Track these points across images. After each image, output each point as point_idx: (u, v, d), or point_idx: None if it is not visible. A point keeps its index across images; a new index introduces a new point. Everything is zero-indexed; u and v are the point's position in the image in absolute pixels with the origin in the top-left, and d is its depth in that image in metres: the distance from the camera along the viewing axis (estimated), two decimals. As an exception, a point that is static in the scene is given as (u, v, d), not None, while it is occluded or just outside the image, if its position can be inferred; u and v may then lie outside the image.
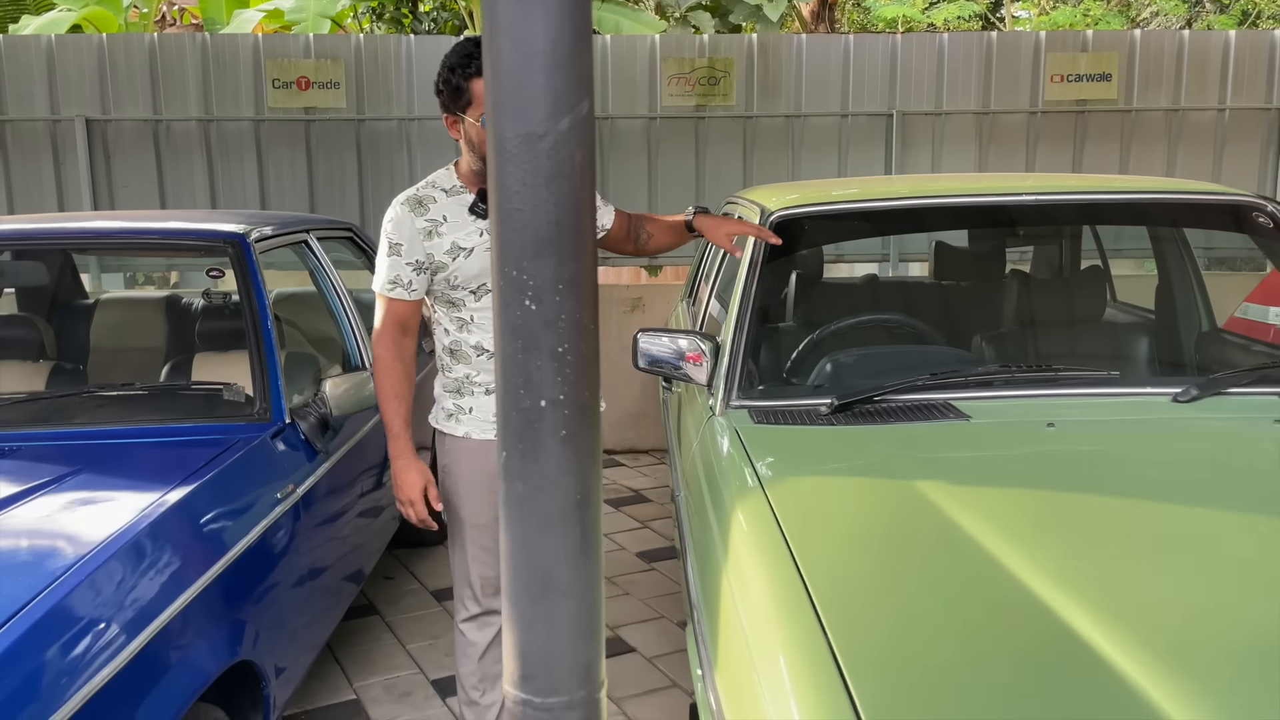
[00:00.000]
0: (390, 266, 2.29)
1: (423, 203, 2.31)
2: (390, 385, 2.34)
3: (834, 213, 2.76)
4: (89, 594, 1.64)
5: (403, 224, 2.28)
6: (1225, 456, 1.91)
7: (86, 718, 1.52)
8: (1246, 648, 1.28)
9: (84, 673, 1.54)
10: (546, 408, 0.74)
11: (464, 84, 2.21)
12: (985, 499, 1.74)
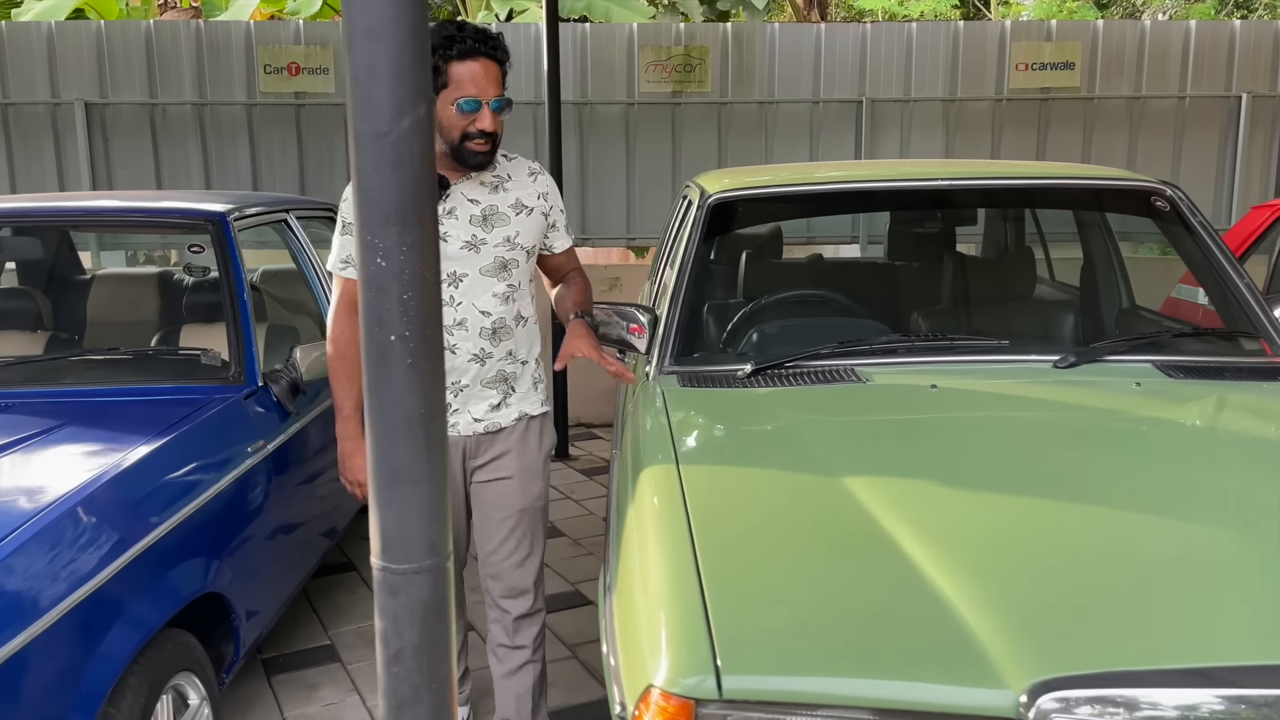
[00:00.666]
0: (342, 245, 2.31)
1: None
2: (344, 366, 2.33)
3: (762, 196, 2.99)
4: (76, 520, 1.89)
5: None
6: (1080, 413, 2.14)
7: (72, 622, 1.77)
8: (1034, 562, 1.52)
9: (71, 584, 1.79)
10: (395, 341, 0.98)
11: (442, 65, 2.19)
12: (858, 446, 1.98)
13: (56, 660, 1.74)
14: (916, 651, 1.37)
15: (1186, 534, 1.61)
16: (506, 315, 2.38)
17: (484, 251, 2.33)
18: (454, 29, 2.23)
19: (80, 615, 1.80)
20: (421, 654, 1.03)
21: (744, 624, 1.43)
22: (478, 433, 2.40)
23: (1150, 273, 3.48)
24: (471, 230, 2.32)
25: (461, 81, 2.18)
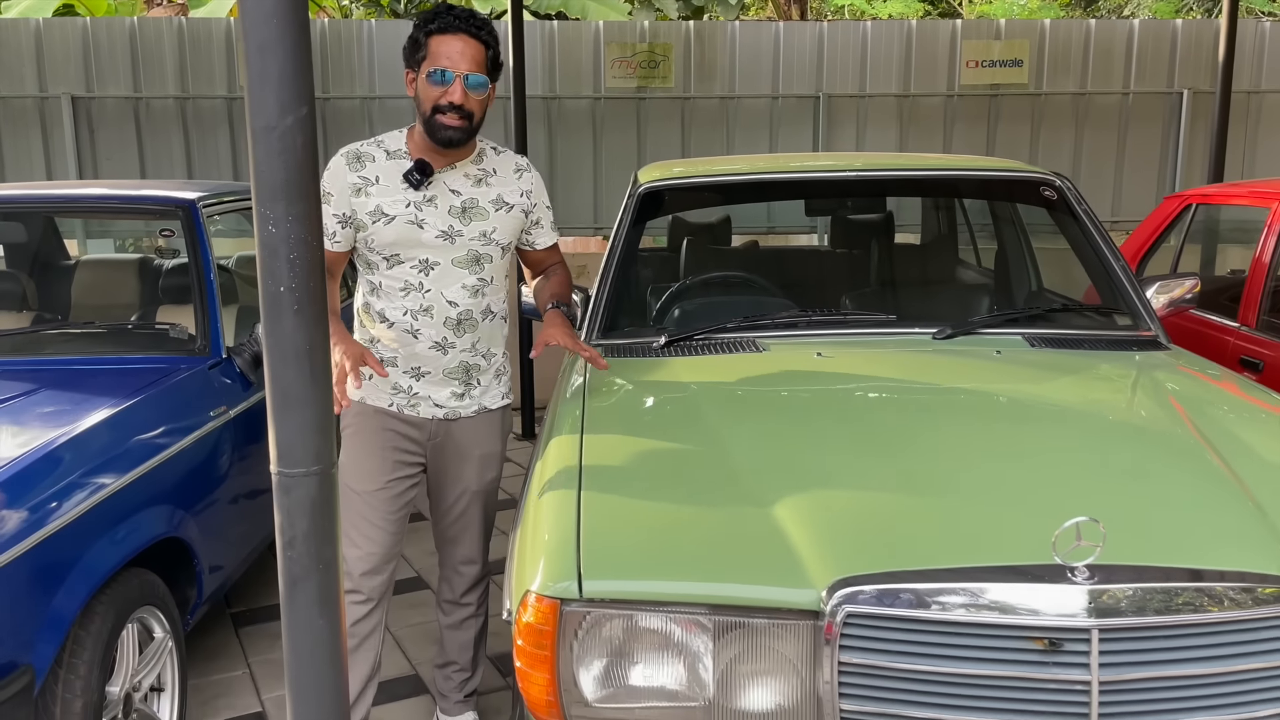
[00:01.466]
0: (326, 213, 2.30)
1: (360, 158, 2.31)
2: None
3: (686, 186, 3.25)
4: (52, 464, 2.15)
5: (337, 175, 2.30)
6: (935, 374, 2.41)
7: (47, 550, 2.04)
8: (852, 487, 1.80)
9: (45, 517, 2.06)
10: (284, 292, 1.24)
11: (422, 39, 2.22)
12: (738, 402, 2.25)
13: (31, 582, 2.00)
14: (743, 560, 1.64)
15: (982, 465, 1.89)
16: (474, 308, 2.41)
17: (459, 243, 2.35)
18: (445, 8, 2.24)
19: (53, 545, 2.07)
20: (310, 540, 1.30)
21: (605, 540, 1.70)
22: (437, 418, 2.46)
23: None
24: (450, 221, 2.34)
25: (437, 55, 2.21)
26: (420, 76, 2.23)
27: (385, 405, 2.42)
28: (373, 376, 2.38)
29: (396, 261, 2.33)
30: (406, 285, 2.35)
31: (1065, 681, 1.49)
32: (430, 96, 2.22)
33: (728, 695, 1.62)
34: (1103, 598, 1.49)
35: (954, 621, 1.51)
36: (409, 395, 2.43)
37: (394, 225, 2.29)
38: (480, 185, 2.37)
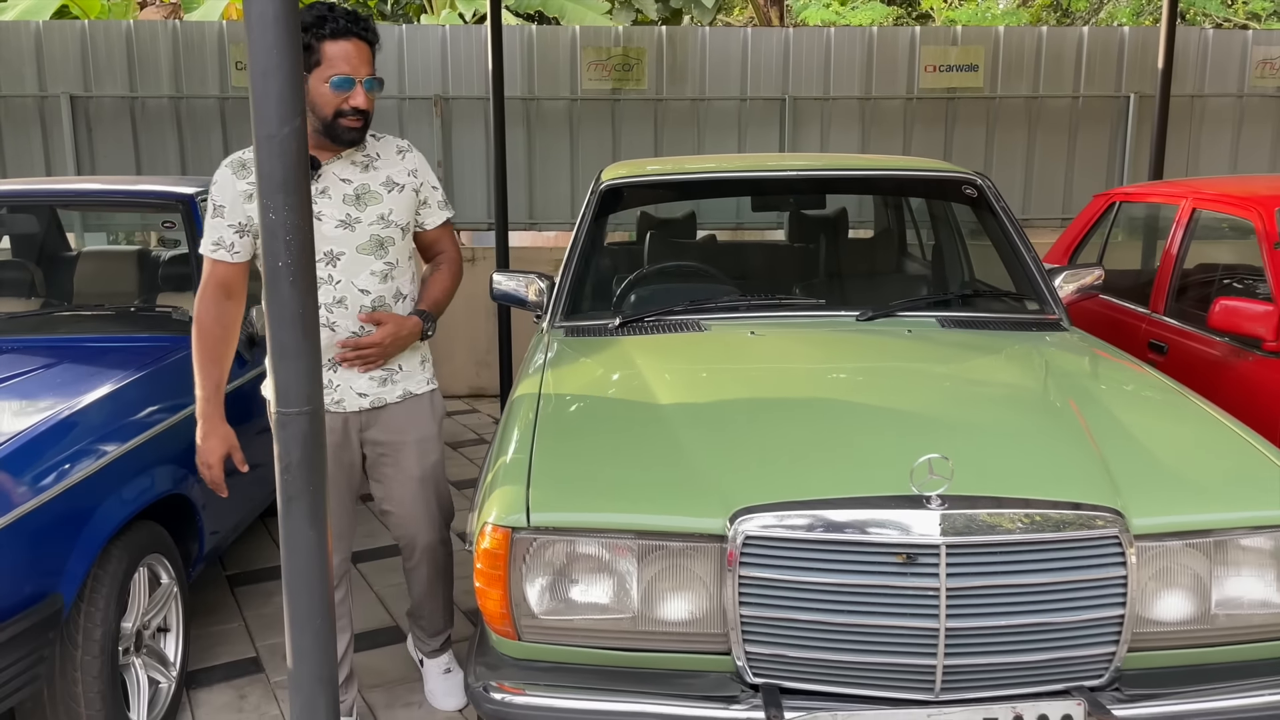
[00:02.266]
0: (213, 228, 2.33)
1: (246, 165, 2.32)
2: (206, 348, 2.37)
3: (642, 183, 3.58)
4: (73, 425, 2.47)
5: (225, 186, 2.32)
6: (850, 347, 2.74)
7: (72, 496, 2.35)
8: (761, 431, 2.12)
9: (70, 469, 2.37)
10: (282, 266, 1.56)
11: (315, 44, 2.22)
12: (676, 369, 2.57)
13: (58, 525, 2.32)
14: (663, 495, 1.97)
15: (865, 417, 2.23)
16: (385, 293, 2.44)
17: (359, 230, 2.39)
18: (325, 9, 2.24)
19: (75, 494, 2.38)
20: (302, 467, 1.62)
21: (550, 480, 2.03)
22: (364, 408, 2.49)
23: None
24: (345, 209, 2.38)
25: (334, 60, 2.24)
26: (314, 81, 2.23)
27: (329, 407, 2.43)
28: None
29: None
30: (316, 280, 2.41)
31: (920, 588, 1.82)
32: (331, 101, 2.26)
33: (650, 607, 1.95)
34: (950, 521, 1.82)
35: (831, 541, 1.84)
36: (330, 390, 2.44)
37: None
38: (368, 170, 2.41)
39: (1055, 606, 1.85)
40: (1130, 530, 1.86)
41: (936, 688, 1.85)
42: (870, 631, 1.84)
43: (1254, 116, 6.99)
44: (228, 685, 3.05)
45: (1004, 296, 3.36)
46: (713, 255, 4.05)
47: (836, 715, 1.83)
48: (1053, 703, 1.84)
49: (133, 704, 2.63)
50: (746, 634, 1.89)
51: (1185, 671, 1.94)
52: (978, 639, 1.84)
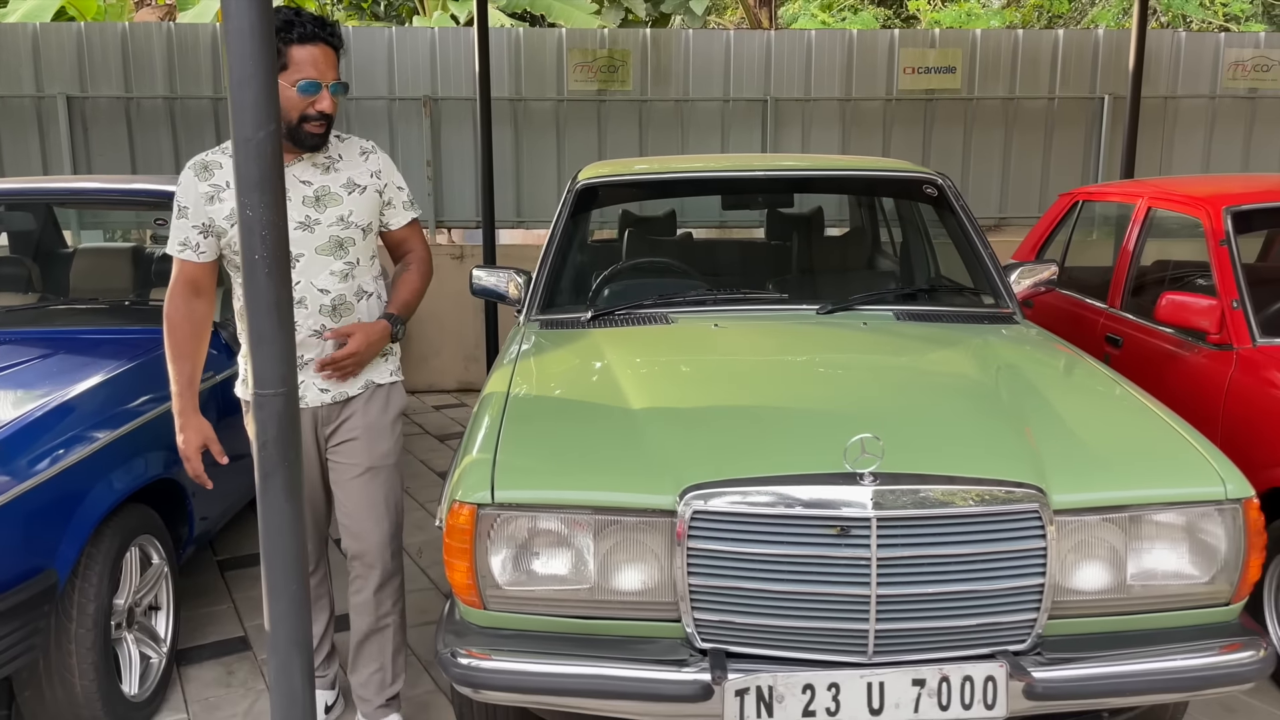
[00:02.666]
0: (178, 229, 2.39)
1: (208, 167, 2.38)
2: (176, 344, 2.44)
3: (615, 183, 3.72)
4: (70, 409, 2.61)
5: (188, 188, 2.38)
6: (806, 338, 2.89)
7: (67, 478, 2.49)
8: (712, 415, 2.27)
9: (65, 452, 2.51)
10: (259, 259, 1.70)
11: (282, 49, 2.24)
12: (641, 357, 2.71)
13: (53, 503, 2.46)
14: (618, 474, 2.12)
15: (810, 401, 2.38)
16: (346, 292, 2.47)
17: (318, 231, 2.42)
18: (292, 14, 2.26)
19: (70, 476, 2.52)
20: (277, 444, 1.76)
21: (514, 460, 2.17)
22: (325, 403, 2.51)
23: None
24: (305, 211, 2.41)
25: (301, 64, 2.27)
26: (281, 85, 2.23)
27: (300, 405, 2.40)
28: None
29: None
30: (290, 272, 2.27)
31: (853, 558, 1.96)
32: (298, 106, 2.30)
33: (606, 578, 2.09)
34: (881, 496, 1.96)
35: (771, 515, 1.99)
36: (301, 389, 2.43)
37: None
38: (329, 172, 2.44)
39: (979, 576, 1.99)
40: (1050, 506, 2.01)
41: (869, 651, 1.99)
42: (808, 599, 1.99)
43: (1226, 117, 7.14)
44: (216, 662, 3.19)
45: (961, 291, 3.50)
46: (687, 252, 4.19)
47: (776, 676, 1.97)
48: (977, 665, 1.98)
49: (124, 676, 2.77)
50: (695, 603, 2.03)
51: (1103, 638, 2.08)
52: (907, 605, 1.98)
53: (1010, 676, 1.97)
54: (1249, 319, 3.21)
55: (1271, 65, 7.08)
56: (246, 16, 1.64)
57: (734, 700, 1.97)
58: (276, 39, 2.18)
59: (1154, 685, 2.03)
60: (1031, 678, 1.97)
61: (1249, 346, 3.17)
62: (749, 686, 1.97)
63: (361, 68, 6.78)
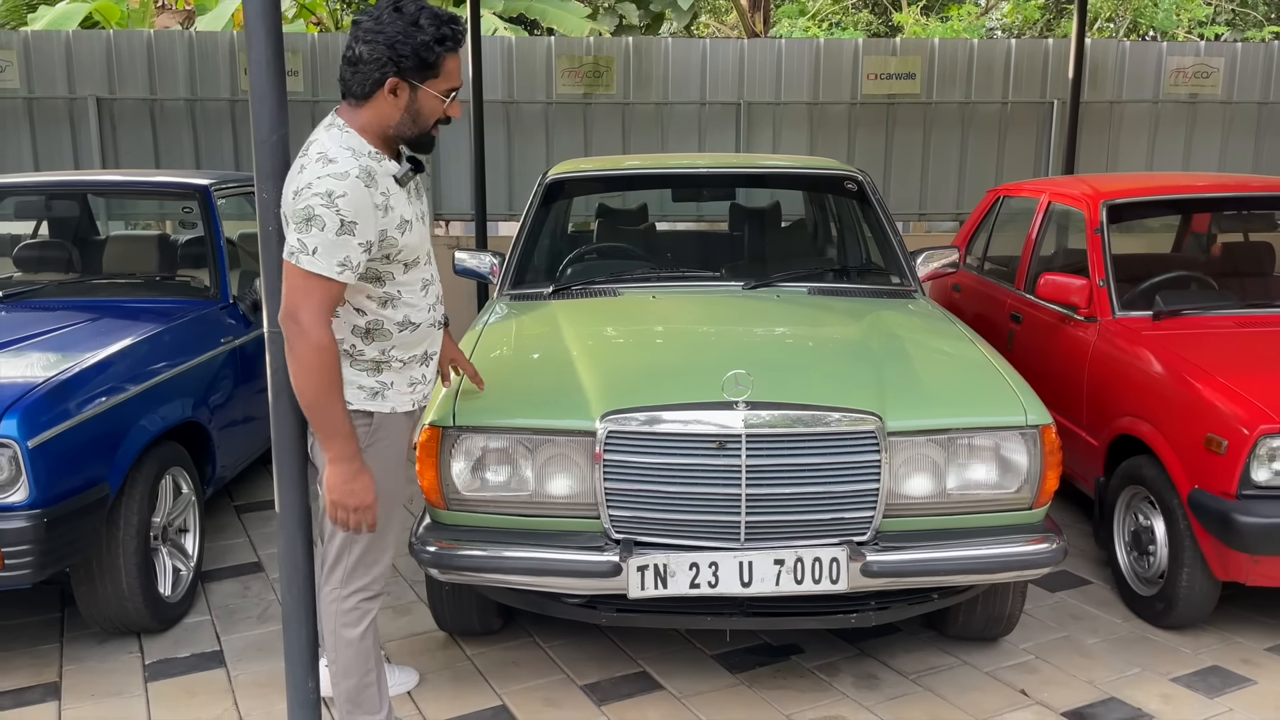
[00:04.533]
0: (340, 246, 2.09)
1: (372, 175, 2.16)
2: (335, 376, 2.14)
3: (579, 178, 4.30)
4: (115, 361, 3.20)
5: (362, 199, 2.12)
6: (726, 306, 3.46)
7: (116, 413, 3.08)
8: (633, 356, 2.84)
9: (113, 392, 3.10)
10: (272, 230, 2.28)
11: (441, 58, 2.15)
12: (585, 318, 3.28)
13: (106, 432, 3.05)
14: (552, 404, 2.70)
15: (708, 347, 2.97)
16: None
17: (427, 222, 2.42)
18: (449, 22, 2.16)
19: (119, 411, 3.12)
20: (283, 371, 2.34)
21: (473, 393, 2.75)
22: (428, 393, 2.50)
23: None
24: (416, 205, 2.35)
25: (451, 73, 2.21)
26: (429, 90, 2.17)
27: (411, 408, 2.40)
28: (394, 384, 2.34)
29: (415, 263, 2.30)
30: (425, 282, 2.36)
31: (728, 465, 2.54)
32: (437, 111, 2.22)
33: (542, 486, 2.67)
34: (749, 418, 2.54)
35: (668, 434, 2.57)
36: (425, 385, 2.42)
37: (414, 228, 2.27)
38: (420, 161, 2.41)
39: (827, 480, 2.57)
40: (886, 429, 2.58)
41: (741, 538, 2.57)
42: (694, 498, 2.57)
43: (1168, 121, 7.68)
44: (234, 580, 3.78)
45: (872, 271, 4.08)
46: (647, 240, 4.76)
47: (669, 556, 2.55)
48: (824, 549, 2.56)
49: (160, 581, 3.36)
50: (609, 503, 2.61)
51: (930, 533, 2.65)
52: (770, 503, 2.56)
53: (850, 559, 2.55)
54: (1111, 296, 3.77)
55: (1211, 72, 7.61)
56: (265, 50, 2.22)
57: (636, 574, 2.55)
58: (441, 46, 2.14)
59: (965, 567, 2.61)
60: (867, 559, 2.55)
61: (1110, 319, 3.73)
62: (648, 564, 2.55)
63: (366, 72, 7.36)
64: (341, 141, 2.20)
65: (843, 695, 2.92)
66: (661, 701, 2.89)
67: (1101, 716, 2.82)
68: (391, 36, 2.12)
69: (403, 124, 2.21)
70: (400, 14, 2.13)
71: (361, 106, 2.22)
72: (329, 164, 2.15)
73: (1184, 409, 3.13)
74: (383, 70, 2.15)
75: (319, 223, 2.10)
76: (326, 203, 2.10)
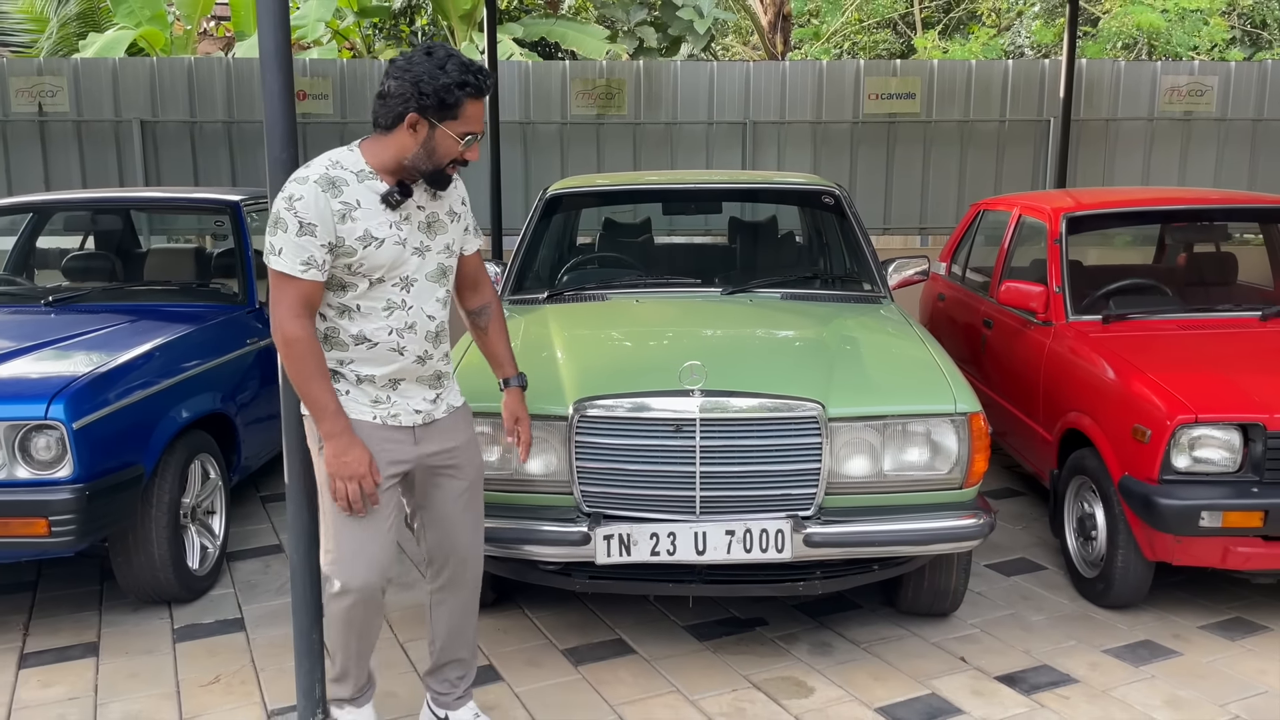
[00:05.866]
0: (302, 247, 2.23)
1: (335, 184, 2.28)
2: (317, 364, 2.29)
3: (575, 193, 4.65)
4: (151, 356, 3.58)
5: (318, 203, 2.25)
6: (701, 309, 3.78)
7: (154, 401, 3.45)
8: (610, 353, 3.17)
9: (149, 383, 3.48)
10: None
11: (462, 101, 2.25)
12: (573, 319, 3.62)
13: (142, 419, 3.42)
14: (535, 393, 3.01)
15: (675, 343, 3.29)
16: (445, 319, 2.50)
17: (428, 258, 2.41)
18: (475, 71, 2.27)
19: (155, 400, 3.50)
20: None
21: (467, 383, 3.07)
22: (417, 424, 2.48)
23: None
24: (420, 237, 2.39)
25: (470, 118, 2.29)
26: (447, 131, 2.27)
27: (368, 417, 2.42)
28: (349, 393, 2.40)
29: (379, 281, 2.35)
30: (389, 304, 2.38)
31: (685, 446, 2.86)
32: (453, 152, 2.30)
33: (520, 466, 2.99)
34: (704, 404, 2.85)
35: (631, 418, 2.89)
36: (388, 405, 2.44)
37: (385, 248, 2.32)
38: (437, 199, 2.43)
39: (773, 460, 2.88)
40: (827, 415, 2.88)
41: (697, 511, 2.88)
42: (655, 475, 2.89)
43: (1163, 138, 7.90)
44: (257, 559, 4.14)
45: (846, 279, 4.38)
46: (643, 251, 5.11)
47: (632, 527, 2.87)
48: (771, 521, 2.86)
49: (189, 556, 3.73)
50: (580, 480, 2.93)
51: (867, 509, 2.95)
52: (722, 480, 2.87)
53: (794, 530, 2.85)
54: (1066, 301, 4.05)
55: (1205, 91, 7.83)
56: (278, 81, 2.59)
57: (603, 543, 2.87)
58: (464, 90, 2.25)
59: (900, 539, 2.91)
60: (809, 531, 2.85)
61: (1064, 323, 4.01)
62: (614, 534, 2.87)
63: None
64: (335, 155, 2.38)
65: (798, 660, 3.21)
66: (633, 664, 3.20)
67: (1030, 679, 3.09)
68: (418, 75, 2.25)
69: (418, 158, 2.31)
70: (430, 57, 2.29)
71: (384, 137, 2.34)
72: (304, 169, 2.34)
73: (1117, 403, 3.41)
74: (405, 105, 2.27)
75: (283, 224, 2.27)
76: (287, 205, 2.27)
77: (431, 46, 2.32)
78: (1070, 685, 3.05)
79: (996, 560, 3.99)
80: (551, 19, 10.78)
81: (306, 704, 2.85)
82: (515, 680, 3.10)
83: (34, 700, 3.04)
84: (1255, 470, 3.11)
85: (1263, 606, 3.57)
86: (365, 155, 2.35)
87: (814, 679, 3.10)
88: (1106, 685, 3.05)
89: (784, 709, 2.93)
